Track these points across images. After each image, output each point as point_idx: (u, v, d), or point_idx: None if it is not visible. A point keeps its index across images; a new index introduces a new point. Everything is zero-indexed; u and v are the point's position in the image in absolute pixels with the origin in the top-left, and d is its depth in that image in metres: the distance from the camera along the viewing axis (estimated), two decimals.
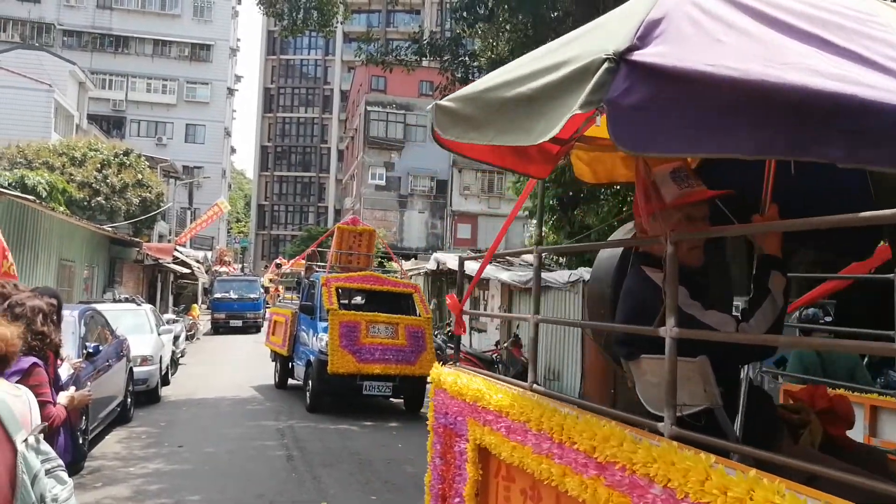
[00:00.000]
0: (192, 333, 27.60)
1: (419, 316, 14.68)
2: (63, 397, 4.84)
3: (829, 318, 9.62)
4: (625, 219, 16.83)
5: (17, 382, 4.40)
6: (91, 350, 9.71)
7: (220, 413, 14.15)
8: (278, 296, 36.84)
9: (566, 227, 18.77)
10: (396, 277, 16.60)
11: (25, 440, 3.30)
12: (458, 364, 4.70)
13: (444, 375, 4.45)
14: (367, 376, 13.61)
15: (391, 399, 14.92)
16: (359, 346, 13.56)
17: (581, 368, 14.81)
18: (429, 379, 4.67)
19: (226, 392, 16.28)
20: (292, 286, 20.27)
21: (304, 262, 39.67)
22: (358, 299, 17.28)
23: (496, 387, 3.76)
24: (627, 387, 3.32)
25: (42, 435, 3.60)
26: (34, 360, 4.57)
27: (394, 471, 9.95)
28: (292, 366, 16.46)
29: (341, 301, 14.96)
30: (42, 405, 4.52)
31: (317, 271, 17.00)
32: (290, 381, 17.05)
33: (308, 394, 14.42)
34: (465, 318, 4.89)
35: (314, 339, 14.48)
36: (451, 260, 23.18)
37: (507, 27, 13.65)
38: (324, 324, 14.07)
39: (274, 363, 18.01)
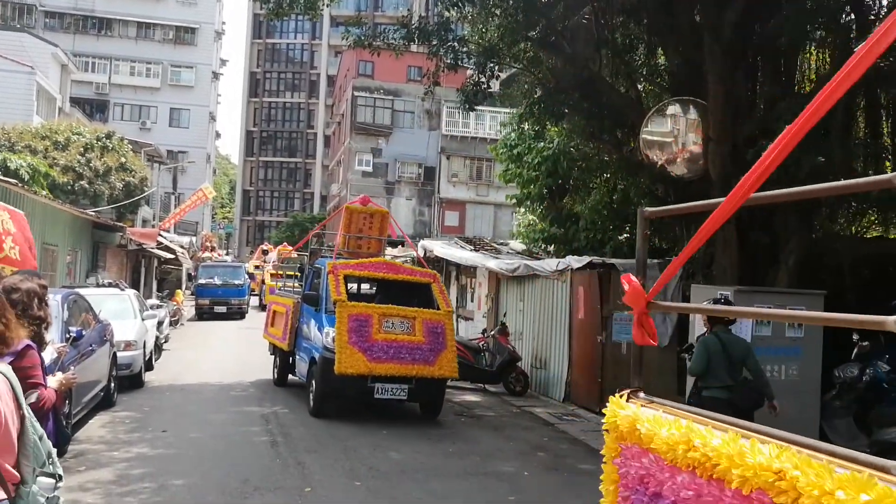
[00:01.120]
0: (177, 319, 27.48)
1: (439, 309, 12.92)
2: (52, 381, 4.84)
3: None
4: (615, 208, 17.00)
5: (10, 363, 4.41)
6: (74, 335, 9.64)
7: (204, 398, 14.08)
8: (263, 283, 37.06)
9: (553, 214, 18.87)
10: (411, 265, 14.93)
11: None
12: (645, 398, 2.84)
13: (637, 418, 2.59)
14: (380, 377, 11.92)
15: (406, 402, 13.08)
16: (370, 342, 11.95)
17: (569, 357, 14.86)
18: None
19: (210, 378, 16.22)
20: (293, 273, 17.86)
21: (289, 248, 39.72)
22: (367, 289, 16.14)
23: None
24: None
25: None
26: (28, 342, 4.57)
27: (379, 457, 9.96)
28: (293, 361, 14.85)
29: (350, 291, 13.65)
30: (34, 387, 4.54)
31: (322, 256, 15.32)
32: (291, 376, 15.46)
33: (311, 396, 12.72)
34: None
35: (319, 333, 12.72)
36: (438, 247, 23.14)
37: (497, 12, 13.62)
38: (330, 316, 12.35)
39: (272, 357, 16.39)
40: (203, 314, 32.72)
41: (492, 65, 14.77)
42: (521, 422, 13.25)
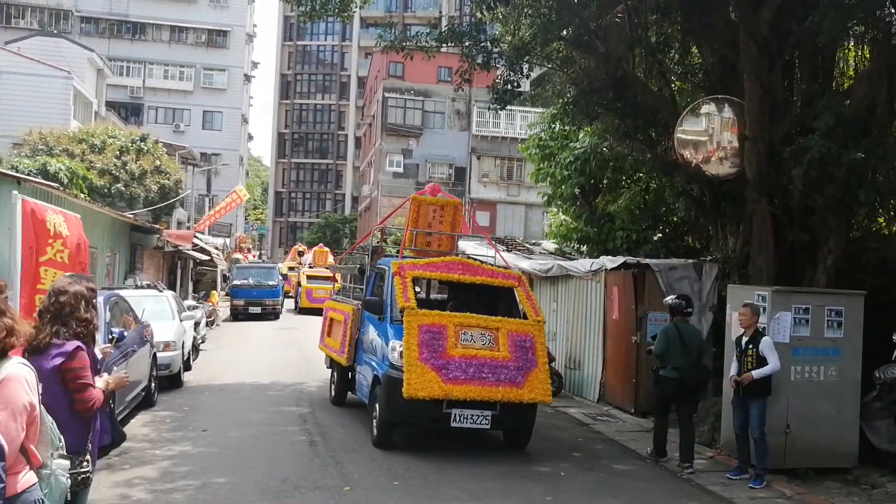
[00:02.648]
0: (212, 320, 27.72)
1: (527, 319, 10.95)
2: (100, 381, 4.95)
3: (690, 309, 10.65)
4: (649, 207, 16.92)
5: (61, 364, 4.55)
6: (117, 335, 9.77)
7: (242, 398, 14.21)
8: (299, 285, 37.23)
9: (586, 213, 18.82)
10: (490, 265, 12.30)
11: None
12: None
13: None
14: (458, 402, 9.91)
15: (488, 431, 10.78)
16: (445, 359, 9.98)
17: (603, 358, 14.83)
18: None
19: (247, 378, 16.35)
20: (352, 273, 15.60)
21: (325, 249, 39.57)
22: (432, 293, 14.32)
23: None
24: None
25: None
26: (78, 343, 4.68)
27: (416, 457, 10.02)
28: (353, 376, 12.74)
29: (417, 296, 11.83)
30: (84, 388, 4.66)
31: (386, 255, 13.39)
32: (351, 395, 13.28)
33: (375, 422, 10.72)
34: None
35: (383, 347, 10.77)
36: (470, 247, 23.09)
37: (529, 11, 13.62)
38: (396, 327, 10.50)
39: (329, 371, 14.41)
40: (238, 315, 32.92)
41: (523, 63, 14.76)
42: (556, 422, 13.21)
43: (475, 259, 13.28)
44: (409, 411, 10.05)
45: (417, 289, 12.94)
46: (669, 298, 10.87)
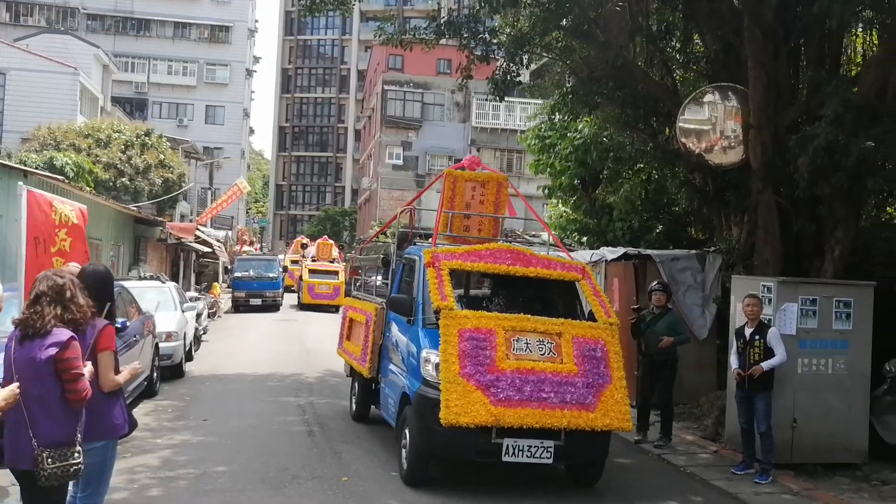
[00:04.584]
0: (214, 311, 27.84)
1: (595, 321, 8.78)
2: (125, 371, 5.04)
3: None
4: (650, 198, 16.79)
5: (56, 354, 4.49)
6: (119, 326, 9.74)
7: (242, 388, 14.24)
8: (301, 279, 37.04)
9: (586, 204, 18.71)
10: (544, 254, 9.86)
11: None
12: None
13: None
14: (511, 430, 7.75)
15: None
16: (495, 374, 7.83)
17: None
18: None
19: (247, 369, 16.36)
20: (375, 264, 13.46)
21: (329, 242, 39.12)
22: (474, 290, 11.23)
23: None
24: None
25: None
26: (72, 333, 4.63)
27: None
28: (377, 388, 10.57)
29: (457, 292, 9.48)
30: (78, 378, 4.60)
31: (416, 243, 10.90)
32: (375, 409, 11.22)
33: (404, 453, 8.56)
34: None
35: (414, 358, 8.59)
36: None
37: (528, 1, 13.48)
38: (430, 332, 8.41)
39: (350, 380, 12.21)
40: (239, 306, 33.14)
41: (523, 54, 14.65)
42: None
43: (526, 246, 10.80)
44: (447, 441, 7.90)
45: (458, 288, 10.19)
46: (653, 284, 11.43)
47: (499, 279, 9.65)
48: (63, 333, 4.59)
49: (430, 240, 10.37)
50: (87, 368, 4.80)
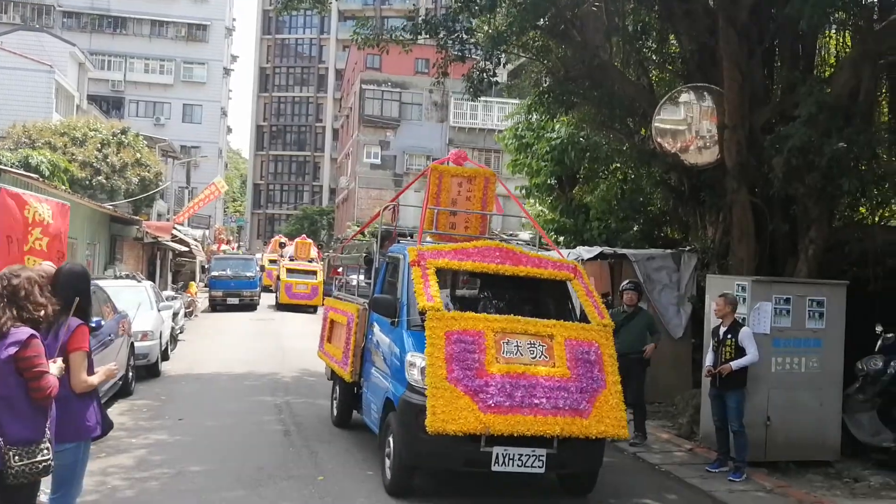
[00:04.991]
0: (191, 310, 27.72)
1: (588, 322, 8.45)
2: (54, 367, 4.85)
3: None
4: (626, 198, 16.86)
5: (15, 354, 4.46)
6: (94, 325, 9.69)
7: (218, 388, 14.18)
8: (279, 279, 36.79)
9: (563, 204, 18.77)
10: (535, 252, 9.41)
11: None
12: None
13: None
14: (501, 438, 7.39)
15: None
16: (484, 378, 7.50)
17: None
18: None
19: (224, 368, 16.28)
20: (357, 263, 13.11)
21: (308, 241, 38.81)
22: (463, 288, 11.05)
23: None
24: None
25: None
26: (32, 332, 4.59)
27: None
28: (359, 393, 10.17)
29: (443, 293, 9.09)
30: (40, 375, 4.57)
31: (400, 241, 10.43)
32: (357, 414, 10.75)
33: (388, 463, 8.17)
34: None
35: (398, 362, 8.26)
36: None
37: (505, 2, 13.49)
38: (416, 334, 8.05)
39: (331, 383, 11.79)
40: (216, 306, 33.04)
41: (499, 53, 14.67)
42: None
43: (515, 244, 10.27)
44: (434, 450, 7.52)
45: (445, 287, 9.86)
46: (625, 283, 11.64)
47: (487, 279, 9.36)
48: (22, 332, 4.55)
49: (414, 237, 10.06)
50: (57, 366, 4.76)
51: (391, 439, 8.05)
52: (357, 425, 10.54)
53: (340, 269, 14.16)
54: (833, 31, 12.90)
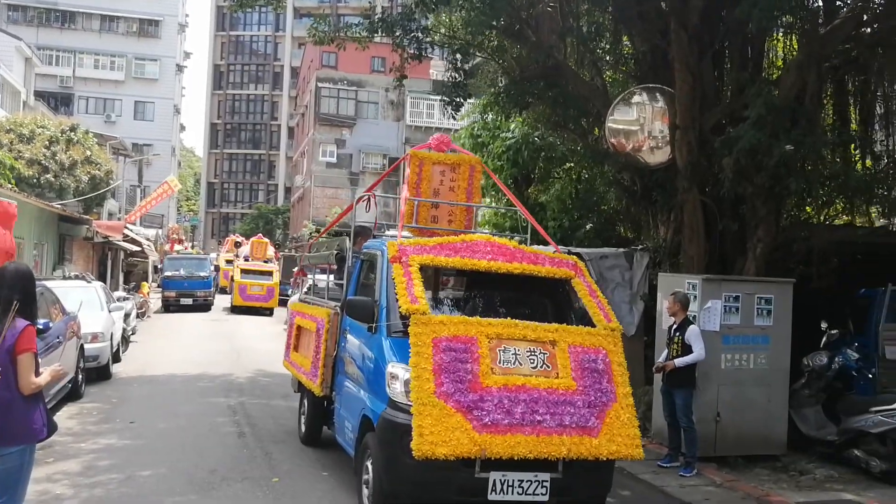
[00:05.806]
0: (143, 311, 27.38)
1: (594, 326, 7.41)
2: (45, 373, 4.83)
3: None
4: (581, 197, 17.00)
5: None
6: (41, 327, 9.51)
7: (171, 390, 14.01)
8: (233, 279, 36.25)
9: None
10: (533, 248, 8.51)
11: None
12: None
13: None
14: (499, 462, 6.40)
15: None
16: (478, 392, 6.47)
17: None
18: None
19: (177, 369, 16.12)
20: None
21: (265, 241, 38.43)
22: (448, 289, 9.59)
23: None
24: None
25: None
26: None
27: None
28: (330, 407, 9.20)
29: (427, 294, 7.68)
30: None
31: (377, 236, 9.31)
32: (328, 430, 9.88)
33: (366, 493, 7.15)
34: None
35: (377, 373, 7.19)
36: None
37: (462, 2, 13.52)
38: (398, 341, 7.03)
39: (299, 396, 10.74)
40: (170, 306, 32.70)
41: (458, 56, 14.72)
42: None
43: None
44: (421, 478, 6.46)
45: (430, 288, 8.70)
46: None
47: (477, 277, 8.24)
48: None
49: (391, 232, 9.25)
50: (47, 369, 4.75)
51: (370, 465, 7.05)
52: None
53: (306, 269, 13.14)
54: (781, 34, 13.14)
